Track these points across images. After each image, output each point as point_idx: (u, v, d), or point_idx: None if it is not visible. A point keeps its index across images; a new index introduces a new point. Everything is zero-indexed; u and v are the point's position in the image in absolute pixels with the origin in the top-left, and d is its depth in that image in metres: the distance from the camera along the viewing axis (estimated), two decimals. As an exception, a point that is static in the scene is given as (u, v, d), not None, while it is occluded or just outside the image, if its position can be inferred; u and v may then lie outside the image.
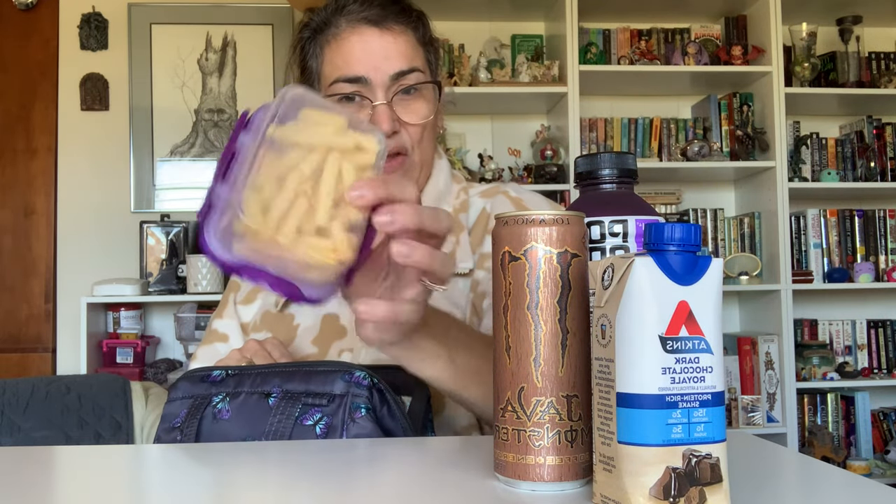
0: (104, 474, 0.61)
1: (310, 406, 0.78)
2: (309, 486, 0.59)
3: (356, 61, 1.01)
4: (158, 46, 3.29)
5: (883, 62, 3.37)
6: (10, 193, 3.25)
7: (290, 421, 0.77)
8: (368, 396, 0.77)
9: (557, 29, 3.14)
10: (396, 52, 1.01)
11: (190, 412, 0.83)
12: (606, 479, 0.49)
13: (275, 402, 0.80)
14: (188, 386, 0.86)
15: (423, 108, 1.04)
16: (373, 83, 1.00)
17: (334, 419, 0.77)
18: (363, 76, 1.00)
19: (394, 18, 1.02)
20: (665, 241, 0.48)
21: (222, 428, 0.81)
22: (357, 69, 1.00)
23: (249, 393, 0.82)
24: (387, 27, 1.01)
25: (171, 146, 3.29)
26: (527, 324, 0.55)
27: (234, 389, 0.83)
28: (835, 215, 3.25)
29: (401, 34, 1.02)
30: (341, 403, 0.77)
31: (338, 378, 0.79)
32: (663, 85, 3.29)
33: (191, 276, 2.86)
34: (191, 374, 0.87)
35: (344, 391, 0.78)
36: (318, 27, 1.05)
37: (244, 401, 0.81)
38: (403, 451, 0.70)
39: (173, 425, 0.84)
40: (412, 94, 1.02)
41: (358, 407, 0.77)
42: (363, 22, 1.01)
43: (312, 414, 0.78)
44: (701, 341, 0.47)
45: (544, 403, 0.54)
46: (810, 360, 3.12)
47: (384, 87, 1.00)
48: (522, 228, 0.55)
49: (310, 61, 1.06)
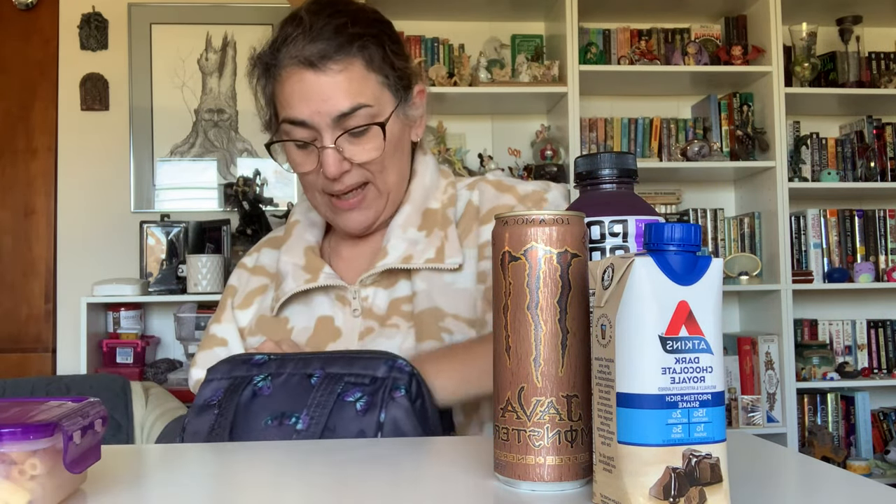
0: (104, 474, 0.61)
1: (352, 384, 0.81)
2: (309, 486, 0.59)
3: (297, 105, 0.99)
4: (158, 46, 3.29)
5: (883, 62, 3.37)
6: (10, 193, 3.25)
7: (332, 396, 0.80)
8: (408, 382, 0.81)
9: (557, 29, 3.14)
10: (337, 91, 0.98)
11: (229, 390, 0.85)
12: (606, 479, 0.49)
13: (317, 381, 0.82)
14: (228, 368, 0.87)
15: (374, 142, 1.01)
16: (317, 126, 0.99)
17: (374, 398, 0.79)
18: (305, 120, 0.99)
19: (334, 54, 0.98)
20: (665, 241, 0.48)
21: (262, 403, 0.83)
22: (298, 113, 0.99)
23: (292, 374, 0.84)
24: (324, 68, 0.98)
25: (171, 146, 3.29)
26: (527, 324, 0.55)
27: (277, 370, 0.85)
28: (835, 215, 3.25)
29: (341, 71, 0.98)
30: (382, 384, 0.80)
31: (381, 364, 0.82)
32: (663, 85, 3.29)
33: (191, 276, 2.85)
34: (232, 358, 0.89)
35: (386, 374, 0.81)
36: (266, 64, 1.02)
37: (286, 380, 0.84)
38: (403, 450, 0.70)
39: (209, 402, 0.85)
40: (362, 135, 1.00)
41: (398, 387, 0.80)
42: (300, 64, 0.98)
43: (353, 392, 0.80)
44: (701, 341, 0.47)
45: (544, 403, 0.54)
46: (810, 360, 3.12)
47: (329, 128, 0.99)
48: (522, 228, 0.55)
49: (266, 90, 1.05)
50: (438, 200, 1.10)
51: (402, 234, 1.05)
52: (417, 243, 1.04)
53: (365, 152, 1.01)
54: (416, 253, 1.03)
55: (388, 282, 1.04)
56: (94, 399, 0.58)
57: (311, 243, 1.12)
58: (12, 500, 0.50)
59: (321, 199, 1.06)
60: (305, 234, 1.13)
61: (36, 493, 0.50)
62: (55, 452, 0.51)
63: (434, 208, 1.09)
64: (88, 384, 1.68)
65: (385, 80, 1.02)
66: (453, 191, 1.11)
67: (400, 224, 1.06)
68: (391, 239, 1.05)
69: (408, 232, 1.05)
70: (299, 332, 1.05)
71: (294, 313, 1.07)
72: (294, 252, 1.10)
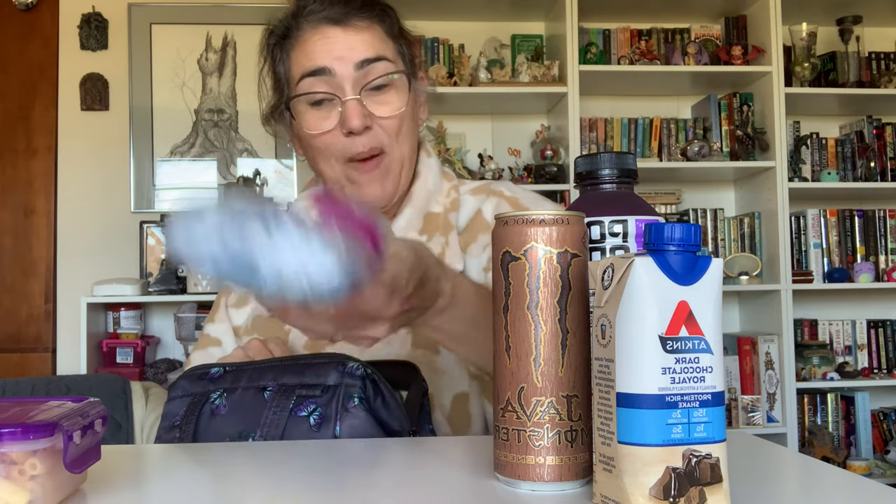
0: (104, 474, 0.61)
1: (304, 398, 0.78)
2: (308, 486, 0.59)
3: (319, 55, 0.99)
4: (158, 46, 3.29)
5: (883, 62, 3.37)
6: (10, 193, 3.25)
7: (284, 413, 0.78)
8: (362, 387, 0.78)
9: (557, 29, 3.14)
10: (361, 43, 0.99)
11: (188, 410, 0.84)
12: (606, 479, 0.49)
13: (270, 396, 0.80)
14: (187, 384, 0.86)
15: (395, 99, 1.01)
16: (338, 75, 0.98)
17: (328, 410, 0.77)
18: (326, 66, 0.98)
19: (356, 14, 1.00)
20: (665, 241, 0.48)
21: (218, 424, 0.81)
22: (321, 61, 0.98)
23: (246, 388, 0.82)
24: (350, 24, 0.99)
25: (171, 146, 3.29)
26: (527, 324, 0.55)
27: (231, 385, 0.83)
28: (835, 215, 3.25)
29: (366, 29, 1.00)
30: (335, 394, 0.78)
31: (331, 370, 0.79)
32: (663, 85, 3.29)
33: (191, 276, 2.85)
34: (190, 373, 0.87)
35: (337, 382, 0.78)
36: (282, 33, 1.03)
37: (241, 396, 0.82)
38: (403, 450, 0.70)
39: (173, 423, 0.84)
40: (383, 89, 1.00)
41: (351, 397, 0.77)
42: (325, 21, 0.99)
43: (307, 405, 0.78)
44: (701, 341, 0.47)
45: (544, 403, 0.54)
46: (810, 360, 3.12)
47: (351, 79, 0.98)
48: (522, 228, 0.55)
49: (278, 67, 1.04)
50: (441, 204, 1.08)
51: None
52: None
53: (386, 107, 1.00)
54: None
55: None
56: (94, 399, 0.58)
57: None
58: (12, 500, 0.50)
59: (338, 169, 1.03)
60: None
61: (36, 493, 0.50)
62: (55, 452, 0.51)
63: (436, 212, 1.07)
64: (88, 384, 1.68)
65: (400, 50, 1.04)
66: (456, 195, 1.10)
67: (401, 227, 1.05)
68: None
69: (408, 236, 1.04)
70: (297, 335, 1.04)
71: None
72: None
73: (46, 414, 0.53)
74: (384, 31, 1.02)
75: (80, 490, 0.57)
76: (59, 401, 0.58)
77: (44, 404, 0.57)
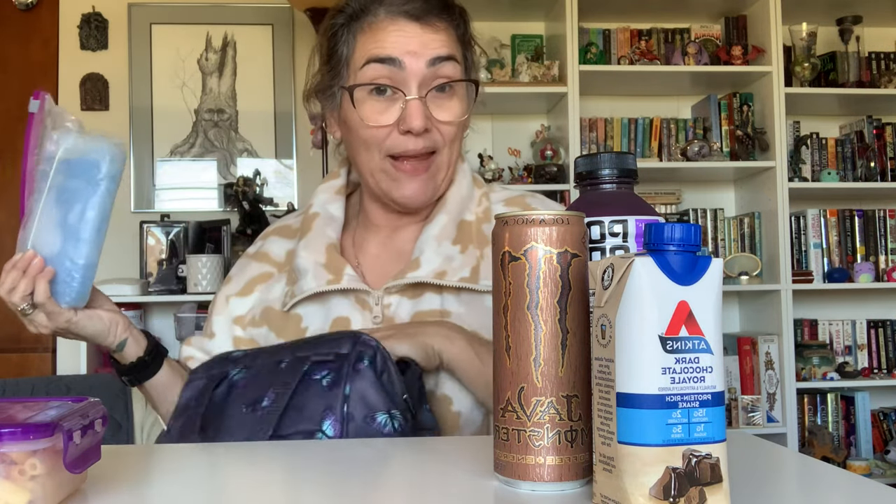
0: (104, 474, 0.61)
1: (318, 363, 0.82)
2: (308, 486, 0.59)
3: (391, 44, 0.97)
4: (158, 46, 3.29)
5: (883, 62, 3.37)
6: (10, 193, 3.25)
7: (297, 375, 0.81)
8: (373, 355, 0.81)
9: (557, 29, 3.14)
10: (435, 41, 0.98)
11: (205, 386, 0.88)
12: (606, 479, 0.49)
13: (286, 365, 0.84)
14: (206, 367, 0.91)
15: (457, 106, 1.00)
16: (407, 69, 0.97)
17: (339, 373, 0.80)
18: (397, 58, 0.96)
19: (436, 14, 0.99)
20: (665, 241, 0.48)
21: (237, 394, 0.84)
22: (392, 51, 0.97)
23: (263, 364, 0.86)
24: (428, 22, 0.98)
25: (171, 146, 3.29)
26: (527, 324, 0.55)
27: (251, 363, 0.88)
28: (835, 215, 3.25)
29: (443, 30, 0.99)
30: (346, 359, 0.81)
31: (346, 340, 0.83)
32: (663, 85, 3.29)
33: (191, 276, 2.85)
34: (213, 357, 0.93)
35: (350, 349, 0.82)
36: (353, 14, 1.01)
37: (258, 370, 0.86)
38: (403, 450, 0.70)
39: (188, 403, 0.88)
40: (447, 92, 0.99)
41: (361, 359, 0.81)
42: (403, 15, 0.98)
43: (320, 370, 0.81)
44: (701, 341, 0.47)
45: (544, 403, 0.54)
46: (810, 360, 3.12)
47: (419, 78, 0.97)
48: (522, 228, 0.55)
49: (340, 47, 1.01)
50: (473, 213, 1.07)
51: (437, 248, 1.01)
52: (452, 259, 1.01)
53: (448, 112, 0.99)
54: (451, 270, 0.99)
55: (415, 293, 1.01)
56: (94, 399, 0.58)
57: (333, 239, 1.06)
58: (12, 500, 0.50)
59: (380, 163, 1.00)
60: (326, 228, 1.08)
61: (36, 493, 0.50)
62: (55, 452, 0.51)
63: (469, 220, 1.06)
64: (88, 384, 1.68)
65: (466, 55, 1.04)
66: (487, 203, 1.09)
67: (434, 235, 1.02)
68: (425, 251, 1.01)
69: (442, 245, 1.02)
70: (314, 333, 1.02)
71: (309, 312, 1.03)
72: (315, 248, 1.04)
73: (46, 414, 0.53)
74: (457, 37, 1.02)
75: (81, 490, 0.57)
76: (59, 401, 0.58)
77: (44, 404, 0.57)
